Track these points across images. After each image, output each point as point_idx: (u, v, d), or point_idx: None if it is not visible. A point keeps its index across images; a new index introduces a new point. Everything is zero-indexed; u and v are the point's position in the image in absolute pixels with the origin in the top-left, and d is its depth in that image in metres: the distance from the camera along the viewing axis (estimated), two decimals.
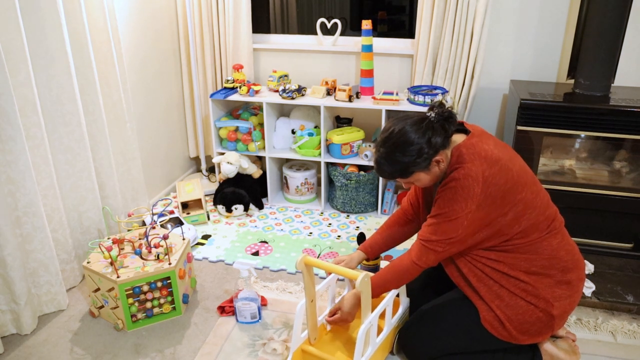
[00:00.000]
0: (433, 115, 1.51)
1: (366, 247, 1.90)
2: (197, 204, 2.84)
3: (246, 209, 2.86)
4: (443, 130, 1.49)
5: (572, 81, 2.59)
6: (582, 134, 2.32)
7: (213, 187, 3.14)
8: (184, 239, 2.12)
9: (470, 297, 1.59)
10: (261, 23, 3.20)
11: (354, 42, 2.99)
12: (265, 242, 2.61)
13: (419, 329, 1.69)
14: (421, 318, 1.69)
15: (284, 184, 3.07)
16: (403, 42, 2.97)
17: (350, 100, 2.72)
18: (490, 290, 1.56)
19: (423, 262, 1.56)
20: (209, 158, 3.39)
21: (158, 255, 1.98)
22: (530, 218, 1.49)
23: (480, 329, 1.57)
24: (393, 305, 1.70)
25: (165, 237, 1.96)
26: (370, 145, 2.83)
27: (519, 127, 2.31)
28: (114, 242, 2.03)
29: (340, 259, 1.88)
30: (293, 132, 2.96)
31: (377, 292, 1.64)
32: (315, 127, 2.97)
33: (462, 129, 1.59)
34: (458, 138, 1.55)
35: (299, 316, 1.64)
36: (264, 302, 2.09)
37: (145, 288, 1.92)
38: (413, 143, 1.48)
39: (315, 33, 3.05)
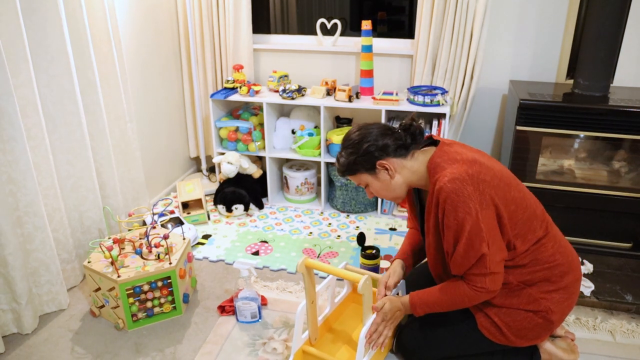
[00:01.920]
0: (397, 124, 1.53)
1: (402, 255, 1.83)
2: (198, 203, 2.84)
3: (246, 208, 2.87)
4: (398, 138, 1.52)
5: (571, 81, 2.60)
6: (581, 134, 2.33)
7: (213, 187, 3.15)
8: (184, 239, 2.12)
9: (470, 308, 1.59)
10: (261, 23, 3.20)
11: (354, 43, 3.00)
12: (265, 241, 2.61)
13: (417, 333, 1.68)
14: (419, 322, 1.69)
15: (284, 184, 3.08)
16: (403, 42, 2.97)
17: (350, 101, 2.73)
18: (488, 303, 1.55)
19: (480, 287, 1.44)
20: (209, 158, 3.39)
21: (158, 255, 1.98)
22: (524, 218, 1.47)
23: (477, 334, 1.57)
24: None
25: (165, 237, 1.97)
26: None
27: (518, 127, 2.31)
28: (114, 242, 2.04)
29: (385, 279, 1.75)
30: (293, 132, 2.97)
31: (425, 310, 1.56)
32: (315, 127, 2.97)
33: (432, 142, 1.59)
34: (431, 151, 1.54)
35: (300, 317, 1.64)
36: (264, 302, 2.10)
37: (146, 287, 1.92)
38: (361, 142, 1.52)
39: (315, 33, 3.06)
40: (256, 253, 2.50)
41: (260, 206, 2.96)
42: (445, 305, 1.53)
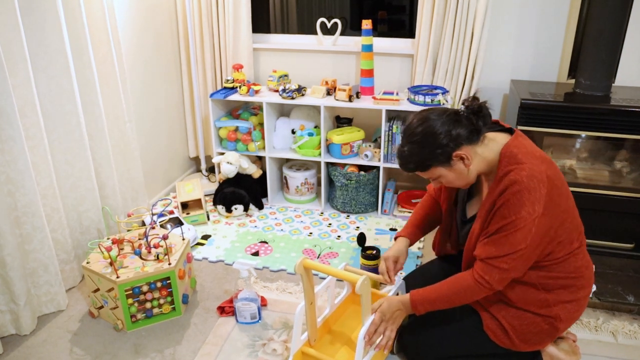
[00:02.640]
0: (462, 107, 1.42)
1: (402, 232, 1.80)
2: (197, 204, 2.83)
3: (246, 209, 2.86)
4: (469, 124, 1.40)
5: (572, 81, 2.58)
6: (583, 134, 2.32)
7: (213, 187, 3.14)
8: (183, 239, 2.11)
9: (474, 306, 1.57)
10: (261, 23, 3.19)
11: (354, 42, 2.99)
12: (265, 242, 2.60)
13: (420, 331, 1.67)
14: (423, 320, 1.67)
15: (284, 184, 3.07)
16: (403, 41, 2.96)
17: (350, 100, 2.72)
18: (499, 305, 1.53)
19: (486, 281, 1.42)
20: (208, 158, 3.38)
21: (158, 256, 1.97)
22: (570, 228, 1.45)
23: (482, 335, 1.56)
24: None
25: (164, 237, 1.96)
26: (370, 145, 2.82)
27: (520, 127, 2.30)
28: (113, 242, 2.03)
29: (389, 256, 1.76)
30: (293, 132, 2.96)
31: (426, 308, 1.53)
32: (315, 127, 2.96)
33: (502, 128, 1.50)
34: (500, 137, 1.45)
35: (299, 318, 1.63)
36: (263, 303, 2.09)
37: (145, 288, 1.91)
38: (432, 134, 1.39)
39: (315, 33, 3.05)
40: (256, 253, 2.49)
41: (260, 206, 2.95)
42: (447, 300, 1.50)
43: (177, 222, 2.55)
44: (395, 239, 1.84)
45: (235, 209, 2.82)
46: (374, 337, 1.58)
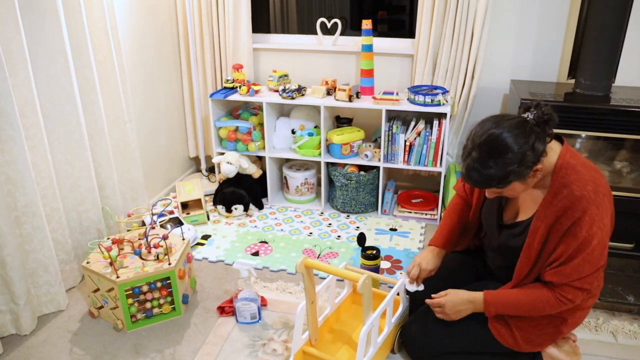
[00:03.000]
0: (531, 117, 1.34)
1: (439, 241, 1.72)
2: (197, 204, 2.83)
3: (246, 209, 2.86)
4: (544, 135, 1.33)
5: (572, 81, 2.58)
6: (583, 134, 2.31)
7: (213, 187, 3.14)
8: (183, 239, 2.11)
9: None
10: (261, 23, 3.19)
11: (354, 42, 2.99)
12: (265, 242, 2.60)
13: (422, 325, 1.67)
14: (426, 315, 1.67)
15: (284, 184, 3.07)
16: (403, 42, 2.96)
17: (350, 100, 2.71)
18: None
19: (569, 300, 1.39)
20: (208, 158, 3.38)
21: (158, 256, 1.97)
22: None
23: (486, 333, 1.55)
24: (393, 304, 1.69)
25: (164, 237, 1.96)
26: (370, 145, 2.82)
27: None
28: (113, 242, 2.03)
29: (420, 264, 1.68)
30: (293, 132, 2.96)
31: (498, 310, 1.49)
32: (315, 127, 2.96)
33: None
34: (555, 146, 1.41)
35: (300, 318, 1.63)
36: (263, 303, 2.09)
37: (145, 288, 1.91)
38: (514, 150, 1.29)
39: (315, 33, 3.05)
40: (256, 253, 2.49)
41: (260, 206, 2.95)
42: (523, 309, 1.47)
43: (177, 222, 2.55)
44: (430, 245, 1.76)
45: (235, 209, 2.82)
46: (437, 309, 1.57)
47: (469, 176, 1.37)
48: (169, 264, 1.93)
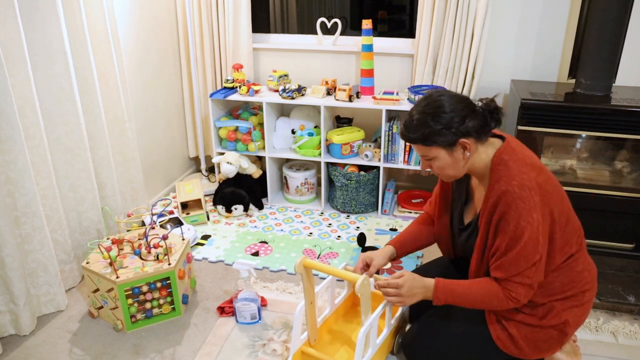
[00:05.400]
0: (480, 104, 1.42)
1: (395, 243, 1.77)
2: (197, 204, 2.83)
3: (246, 209, 2.86)
4: (483, 120, 1.40)
5: (573, 81, 2.58)
6: (583, 134, 2.31)
7: (213, 187, 3.14)
8: (183, 240, 2.11)
9: (486, 317, 1.55)
10: (261, 23, 3.19)
11: (354, 42, 2.98)
12: (265, 242, 2.60)
13: (423, 336, 1.65)
14: (427, 325, 1.65)
15: (284, 184, 3.07)
16: (403, 41, 2.96)
17: (350, 100, 2.71)
18: (511, 316, 1.52)
19: (513, 297, 1.41)
20: (208, 158, 3.38)
21: (157, 256, 1.97)
22: (569, 231, 1.45)
23: (490, 344, 1.53)
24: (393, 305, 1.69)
25: (164, 238, 1.96)
26: (370, 145, 2.82)
27: (520, 127, 2.30)
28: (113, 243, 2.03)
29: (368, 257, 1.72)
30: (293, 132, 2.96)
31: (447, 299, 1.49)
32: (315, 127, 2.96)
33: (494, 135, 1.51)
34: (497, 143, 1.46)
35: (299, 318, 1.63)
36: (263, 303, 2.09)
37: (145, 288, 1.91)
38: (445, 110, 1.37)
39: (315, 33, 3.04)
40: (256, 254, 2.49)
41: (259, 206, 2.94)
42: (471, 300, 1.47)
43: (177, 222, 2.55)
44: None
45: (235, 209, 2.82)
46: (386, 293, 1.54)
47: (404, 129, 1.46)
48: (169, 264, 1.93)
